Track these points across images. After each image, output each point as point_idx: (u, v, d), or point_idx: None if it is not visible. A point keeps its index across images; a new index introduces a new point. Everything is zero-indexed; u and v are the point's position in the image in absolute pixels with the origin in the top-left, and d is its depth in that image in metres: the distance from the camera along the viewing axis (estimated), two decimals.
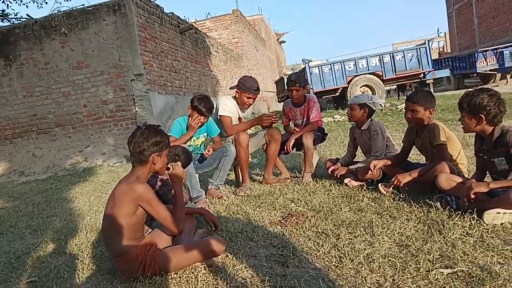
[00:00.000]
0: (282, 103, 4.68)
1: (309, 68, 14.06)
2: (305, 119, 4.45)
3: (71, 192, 5.65)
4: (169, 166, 3.21)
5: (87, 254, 2.76)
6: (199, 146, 4.14)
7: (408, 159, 3.63)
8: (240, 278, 2.07)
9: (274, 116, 4.12)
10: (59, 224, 3.83)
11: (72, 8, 9.22)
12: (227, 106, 4.15)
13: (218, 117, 4.13)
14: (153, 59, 9.13)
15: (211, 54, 14.09)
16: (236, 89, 4.18)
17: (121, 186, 2.22)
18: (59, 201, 5.03)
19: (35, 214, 4.43)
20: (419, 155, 3.67)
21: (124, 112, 8.67)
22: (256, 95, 4.14)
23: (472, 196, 2.39)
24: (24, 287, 2.39)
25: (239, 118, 4.27)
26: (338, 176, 3.84)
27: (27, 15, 9.36)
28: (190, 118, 3.90)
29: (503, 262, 1.89)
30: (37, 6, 18.50)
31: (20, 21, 10.71)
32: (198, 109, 3.84)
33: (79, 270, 2.48)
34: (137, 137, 2.26)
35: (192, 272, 2.22)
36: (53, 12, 9.12)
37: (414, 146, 3.48)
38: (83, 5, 9.00)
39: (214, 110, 4.03)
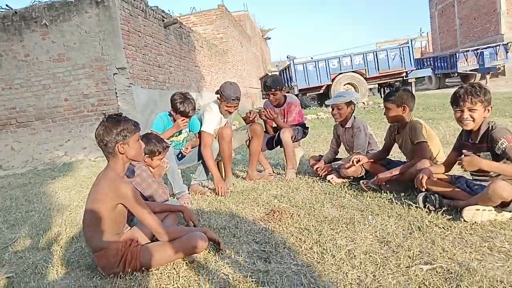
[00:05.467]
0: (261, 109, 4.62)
1: (294, 65, 14.10)
2: (285, 120, 4.43)
3: (50, 186, 5.54)
4: (162, 163, 3.21)
5: (66, 250, 2.71)
6: (181, 141, 4.11)
7: (390, 157, 3.67)
8: (222, 274, 2.06)
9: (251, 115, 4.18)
10: (38, 219, 3.75)
11: None
12: (212, 119, 3.97)
13: (200, 130, 4.00)
14: (136, 53, 9.00)
15: (195, 49, 13.98)
16: (217, 96, 4.00)
17: (103, 182, 2.17)
18: (38, 196, 4.93)
19: (13, 209, 4.33)
20: (400, 153, 3.72)
21: (106, 107, 8.53)
22: (236, 104, 3.93)
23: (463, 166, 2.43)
24: (1, 282, 2.33)
25: (226, 122, 4.21)
26: (321, 175, 3.86)
27: (6, 5, 9.06)
28: (173, 118, 3.87)
29: (481, 259, 1.93)
30: None
31: None
32: (184, 113, 3.76)
33: (57, 266, 2.43)
34: (98, 131, 2.20)
35: (174, 268, 2.20)
36: (33, 3, 8.88)
37: (395, 144, 3.53)
38: None
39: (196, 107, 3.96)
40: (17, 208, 4.34)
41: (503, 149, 2.33)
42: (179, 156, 4.03)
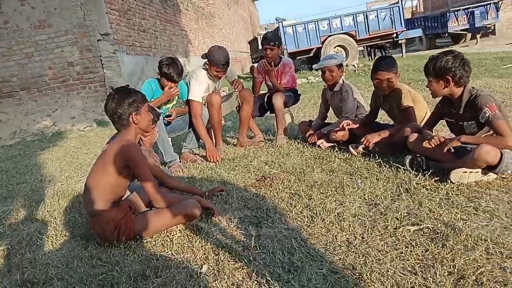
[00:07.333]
0: (256, 64, 4.59)
1: (283, 27, 13.81)
2: (278, 82, 4.40)
3: (40, 158, 5.51)
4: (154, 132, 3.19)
5: (60, 221, 2.73)
6: (170, 109, 4.07)
7: (378, 120, 3.70)
8: (215, 240, 2.10)
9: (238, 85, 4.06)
10: (30, 191, 3.74)
11: None
12: (199, 87, 3.89)
13: (188, 99, 3.94)
14: (120, 18, 8.75)
15: (181, 12, 13.60)
16: (205, 61, 3.92)
17: (112, 145, 2.21)
18: (28, 168, 4.90)
19: (4, 181, 4.31)
20: (388, 116, 3.74)
21: (92, 74, 8.36)
22: (226, 69, 3.89)
23: (445, 150, 2.48)
24: None
25: (214, 89, 4.15)
26: (311, 142, 3.86)
27: None
28: (160, 83, 3.84)
29: (466, 218, 1.99)
30: None
31: None
32: (168, 75, 3.72)
33: (52, 237, 2.46)
34: (110, 105, 2.24)
35: (168, 236, 2.24)
36: None
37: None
38: None
39: (183, 73, 3.90)
40: (8, 181, 4.32)
41: (487, 118, 2.36)
42: (166, 123, 4.00)
